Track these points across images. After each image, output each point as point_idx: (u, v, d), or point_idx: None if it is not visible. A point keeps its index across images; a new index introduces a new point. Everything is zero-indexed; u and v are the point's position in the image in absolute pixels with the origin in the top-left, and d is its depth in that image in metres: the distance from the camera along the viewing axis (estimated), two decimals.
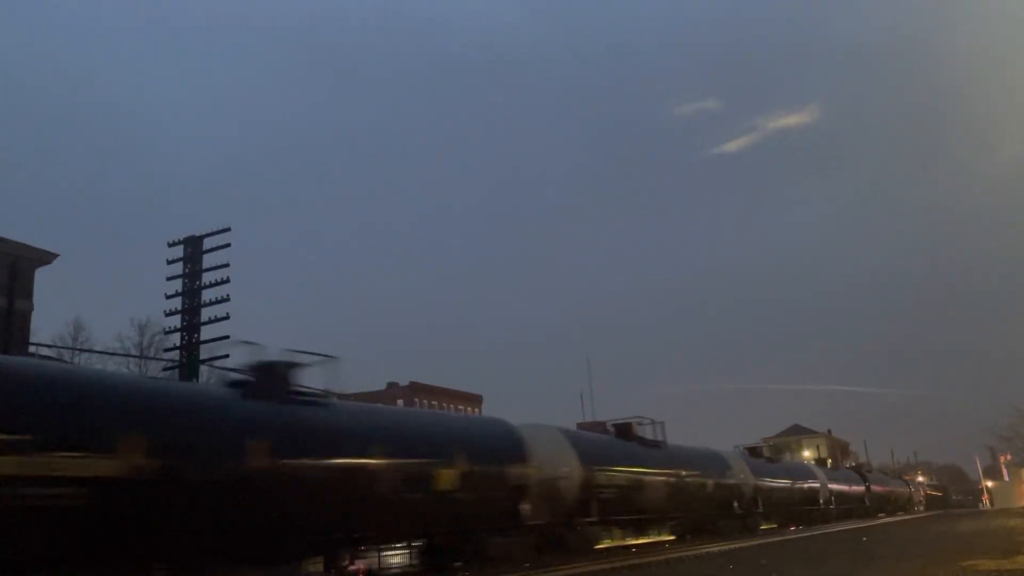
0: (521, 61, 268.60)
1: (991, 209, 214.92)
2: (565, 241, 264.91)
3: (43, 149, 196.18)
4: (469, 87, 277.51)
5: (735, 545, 18.36)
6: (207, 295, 28.09)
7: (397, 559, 20.35)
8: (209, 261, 28.34)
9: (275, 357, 11.92)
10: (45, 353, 26.64)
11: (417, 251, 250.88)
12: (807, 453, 76.50)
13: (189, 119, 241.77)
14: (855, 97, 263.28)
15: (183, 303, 27.94)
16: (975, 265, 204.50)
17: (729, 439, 40.97)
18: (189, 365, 27.05)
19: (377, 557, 18.25)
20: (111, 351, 39.49)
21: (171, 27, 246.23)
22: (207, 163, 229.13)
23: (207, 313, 27.98)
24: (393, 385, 70.82)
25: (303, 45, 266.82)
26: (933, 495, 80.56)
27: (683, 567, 12.84)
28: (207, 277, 28.25)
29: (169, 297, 28.25)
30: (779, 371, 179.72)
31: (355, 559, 13.95)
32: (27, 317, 25.58)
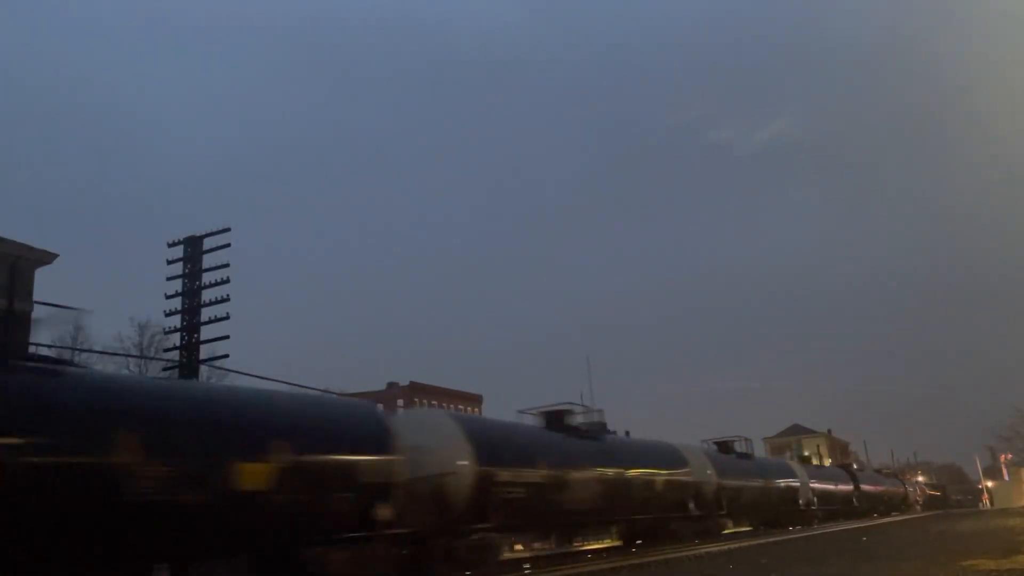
0: (521, 61, 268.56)
1: (991, 209, 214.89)
2: (565, 241, 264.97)
3: (43, 149, 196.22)
4: (469, 87, 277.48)
5: (735, 545, 18.36)
6: (207, 295, 28.02)
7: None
8: (209, 261, 28.26)
9: None
10: (45, 353, 26.61)
11: (417, 251, 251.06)
12: (807, 453, 76.42)
13: (189, 119, 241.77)
14: (855, 98, 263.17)
15: (183, 303, 27.86)
16: (975, 265, 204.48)
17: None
18: (189, 365, 27.02)
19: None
20: (111, 351, 39.49)
21: (171, 27, 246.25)
22: (207, 163, 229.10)
23: (207, 313, 27.91)
24: (393, 385, 70.76)
25: (303, 46, 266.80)
26: (931, 495, 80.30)
27: (683, 567, 12.84)
28: (207, 277, 28.18)
29: (169, 297, 28.18)
30: (779, 371, 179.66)
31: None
32: (27, 317, 25.56)
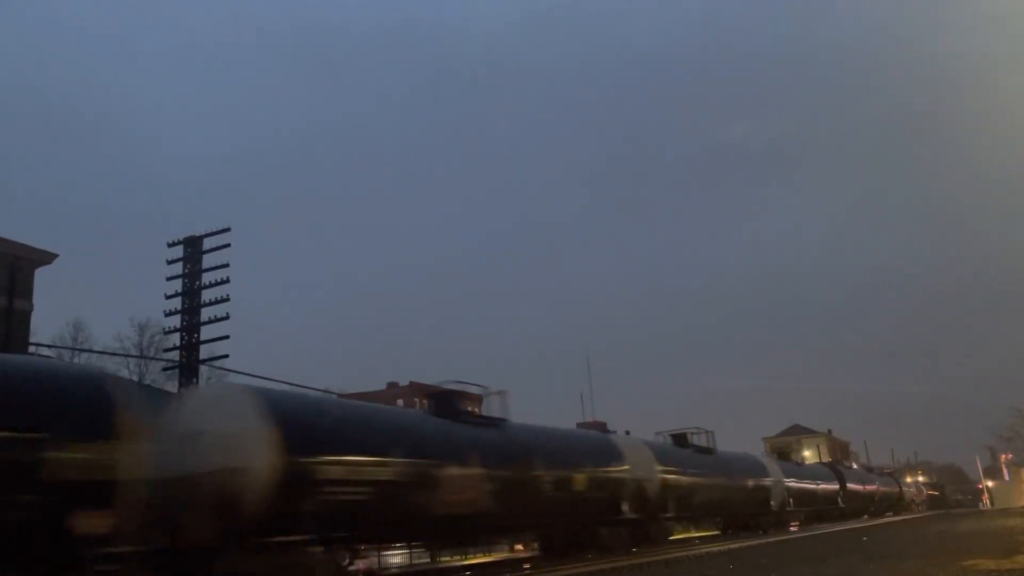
0: (524, 65, 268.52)
1: (991, 209, 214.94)
2: (566, 242, 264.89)
3: (43, 149, 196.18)
4: (470, 90, 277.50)
5: (735, 545, 18.37)
6: (207, 295, 28.07)
7: (397, 559, 20.31)
8: (209, 261, 28.32)
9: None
10: (45, 353, 26.66)
11: (417, 251, 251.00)
12: (807, 453, 76.35)
13: (190, 119, 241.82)
14: (856, 99, 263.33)
15: (183, 303, 27.91)
16: (975, 265, 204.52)
17: (729, 439, 37.41)
18: (189, 365, 27.05)
19: (377, 557, 18.16)
20: (111, 351, 39.56)
21: (172, 28, 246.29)
22: (207, 163, 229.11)
23: (207, 313, 27.95)
24: (393, 385, 70.78)
25: (304, 47, 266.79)
26: (930, 495, 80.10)
27: (683, 567, 12.84)
28: (207, 277, 28.24)
29: (169, 297, 28.23)
30: (779, 371, 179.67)
31: (355, 559, 13.82)
32: (27, 317, 25.60)
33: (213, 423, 11.02)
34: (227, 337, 27.91)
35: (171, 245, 28.69)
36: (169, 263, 28.53)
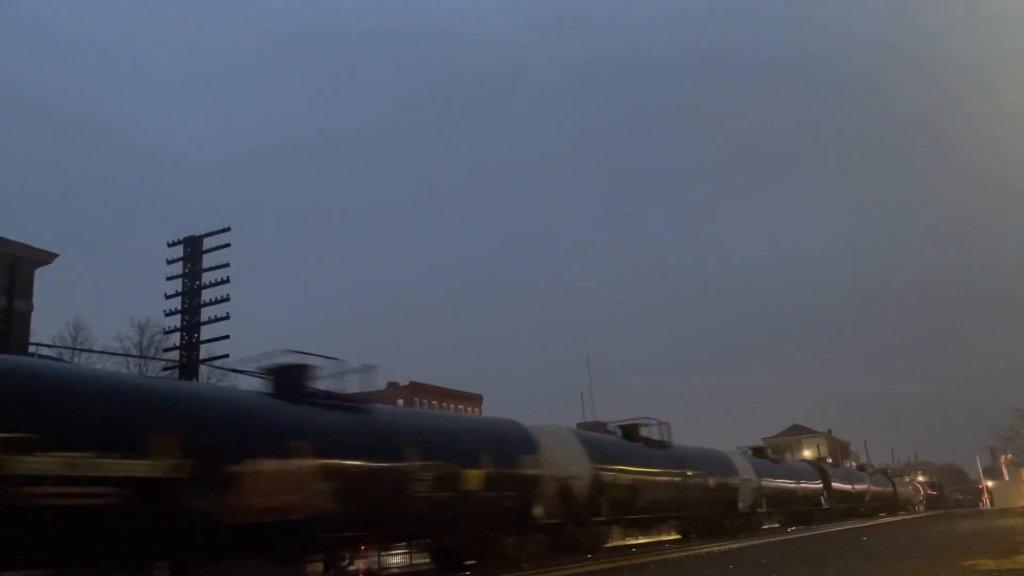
0: (525, 66, 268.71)
1: (992, 210, 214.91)
2: (567, 242, 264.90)
3: (44, 150, 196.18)
4: (471, 91, 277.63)
5: (736, 545, 18.36)
6: (207, 295, 28.09)
7: (397, 559, 20.22)
8: (209, 261, 28.34)
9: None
10: (45, 353, 26.63)
11: (417, 251, 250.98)
12: (807, 453, 76.29)
13: (190, 119, 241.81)
14: (857, 100, 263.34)
15: (183, 303, 27.93)
16: (976, 265, 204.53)
17: (729, 439, 37.41)
18: (189, 365, 27.05)
19: (377, 557, 18.06)
20: (111, 351, 39.51)
21: (173, 28, 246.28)
22: (207, 163, 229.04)
23: (207, 313, 27.97)
24: (393, 385, 70.76)
25: (305, 48, 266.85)
26: (928, 494, 79.91)
27: (683, 567, 12.84)
28: (207, 277, 28.26)
29: (169, 297, 28.26)
30: (779, 371, 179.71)
31: (355, 559, 13.84)
32: (27, 317, 25.59)
33: None
34: (227, 337, 27.96)
35: (171, 245, 28.72)
36: (169, 263, 28.57)
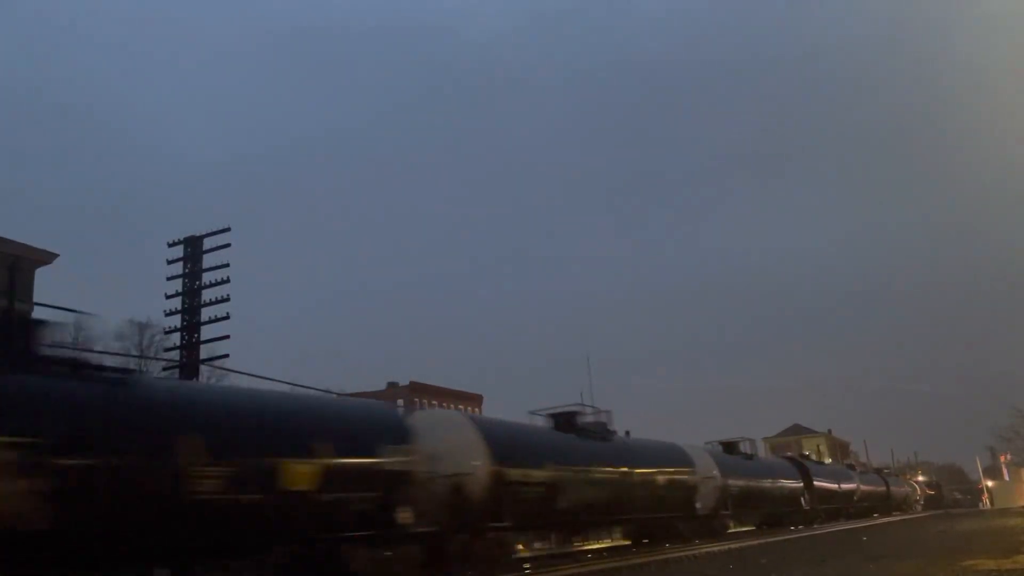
0: (526, 69, 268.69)
1: (992, 210, 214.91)
2: (567, 241, 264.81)
3: (43, 149, 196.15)
4: (471, 91, 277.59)
5: (736, 545, 18.36)
6: (207, 295, 28.09)
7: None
8: (209, 261, 28.34)
9: None
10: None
11: (418, 251, 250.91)
12: (807, 453, 76.00)
13: (190, 119, 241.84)
14: (858, 100, 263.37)
15: (183, 303, 27.93)
16: (976, 266, 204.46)
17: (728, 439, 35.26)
18: (189, 365, 27.06)
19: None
20: (111, 351, 39.48)
21: (173, 28, 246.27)
22: (207, 163, 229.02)
23: (207, 313, 27.97)
24: (393, 385, 70.78)
25: (306, 49, 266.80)
26: (926, 494, 79.74)
27: (683, 567, 12.85)
28: (207, 277, 28.26)
29: (169, 297, 28.26)
30: (779, 371, 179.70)
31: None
32: (27, 317, 25.58)
33: None
34: (227, 337, 27.97)
35: (171, 245, 28.71)
36: (169, 263, 28.56)
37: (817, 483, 35.90)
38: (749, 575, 11.08)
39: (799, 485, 33.48)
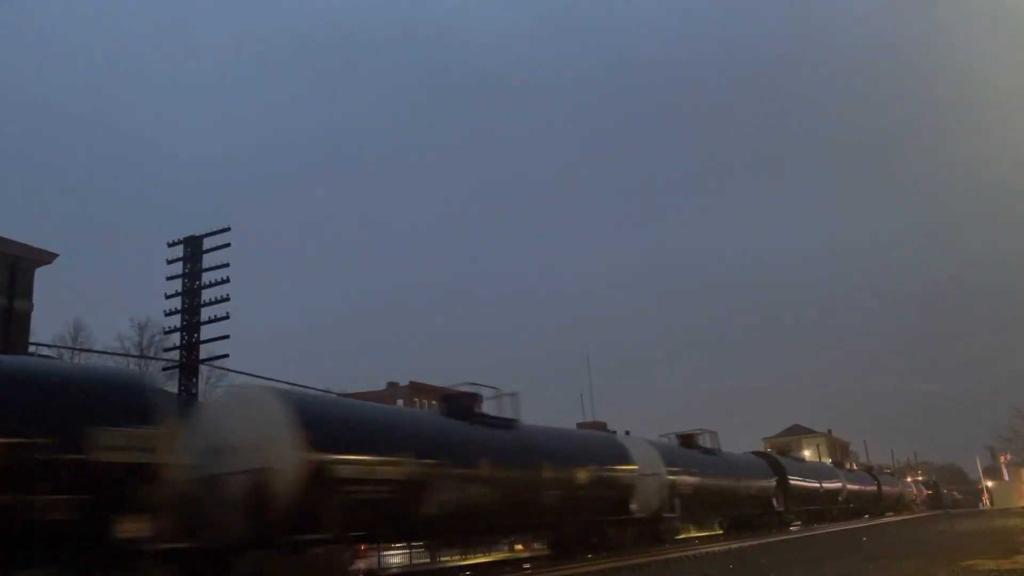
0: (527, 70, 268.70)
1: (991, 210, 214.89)
2: (568, 241, 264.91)
3: (44, 149, 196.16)
4: (473, 91, 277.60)
5: (736, 545, 18.35)
6: (207, 295, 28.05)
7: (397, 559, 20.22)
8: (209, 261, 28.29)
9: None
10: (45, 353, 26.65)
11: (418, 251, 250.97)
12: (807, 453, 75.99)
13: (190, 119, 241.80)
14: (858, 100, 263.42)
15: (183, 303, 27.88)
16: (976, 266, 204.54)
17: (729, 439, 32.95)
18: (189, 365, 27.04)
19: (377, 557, 18.02)
20: (111, 351, 39.54)
21: (173, 28, 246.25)
22: (207, 163, 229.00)
23: (207, 313, 27.93)
24: (393, 385, 70.74)
25: (308, 49, 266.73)
26: (925, 494, 79.54)
27: (683, 567, 12.84)
28: (207, 277, 28.21)
29: (169, 297, 28.20)
30: (779, 371, 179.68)
31: (356, 559, 13.74)
32: (27, 317, 25.56)
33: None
34: (227, 337, 27.89)
35: (171, 245, 28.66)
36: (169, 263, 28.51)
37: (793, 482, 32.78)
38: (749, 575, 11.07)
39: (770, 484, 30.18)
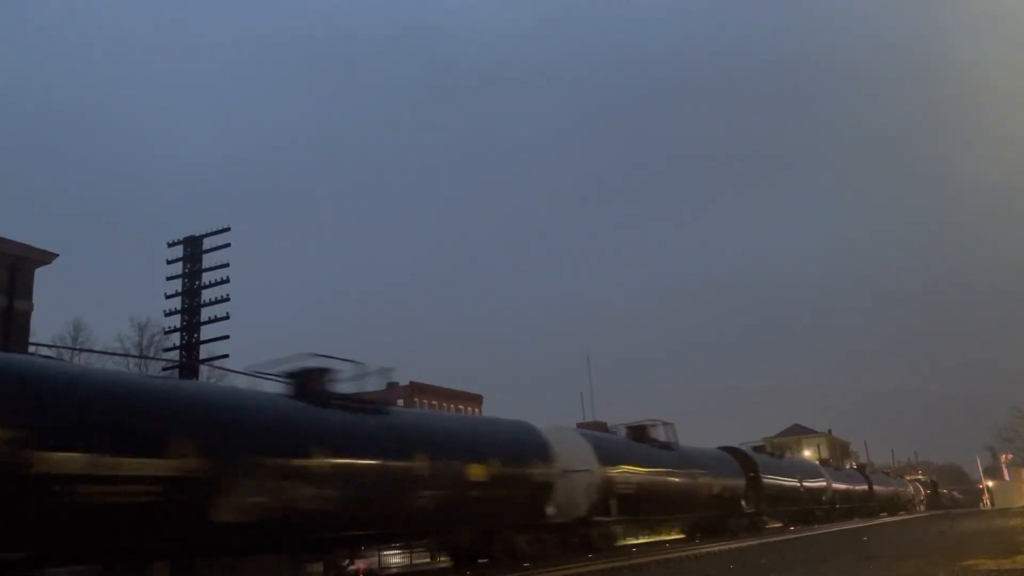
0: (526, 71, 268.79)
1: (992, 211, 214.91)
2: (568, 242, 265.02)
3: (44, 150, 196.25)
4: (473, 91, 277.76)
5: (736, 545, 18.36)
6: (207, 295, 28.10)
7: (397, 559, 20.22)
8: (209, 261, 28.35)
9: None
10: (45, 353, 26.62)
11: (417, 251, 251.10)
12: (807, 453, 75.92)
13: (190, 120, 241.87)
14: (858, 99, 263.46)
15: (183, 303, 27.94)
16: (975, 266, 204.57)
17: (729, 439, 32.52)
18: (189, 365, 27.05)
19: (377, 557, 18.04)
20: (111, 351, 39.54)
21: (173, 29, 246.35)
22: (207, 163, 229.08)
23: (207, 313, 27.98)
24: (393, 385, 70.68)
25: (308, 49, 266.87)
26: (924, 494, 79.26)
27: (683, 567, 12.84)
28: (207, 277, 28.27)
29: (169, 297, 28.28)
30: (779, 371, 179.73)
31: (355, 559, 13.82)
32: (27, 317, 25.58)
33: None
34: (227, 337, 27.97)
35: (171, 245, 28.74)
36: (169, 263, 28.58)
37: (767, 480, 29.61)
38: (749, 575, 11.07)
39: (739, 482, 27.02)
